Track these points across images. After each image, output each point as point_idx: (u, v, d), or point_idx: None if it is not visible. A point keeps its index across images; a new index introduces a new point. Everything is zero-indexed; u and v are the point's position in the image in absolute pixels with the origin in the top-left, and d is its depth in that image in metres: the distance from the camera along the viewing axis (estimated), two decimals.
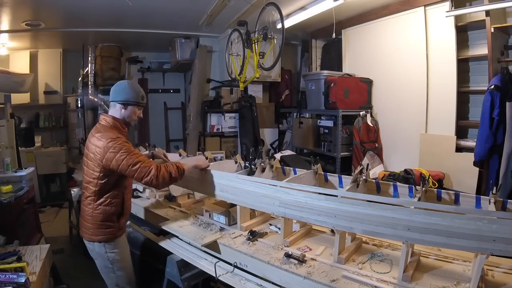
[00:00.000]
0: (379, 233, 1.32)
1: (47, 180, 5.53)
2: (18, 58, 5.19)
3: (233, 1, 3.48)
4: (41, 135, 5.56)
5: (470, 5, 3.17)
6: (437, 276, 1.33)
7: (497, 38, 2.90)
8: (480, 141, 2.72)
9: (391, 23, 3.75)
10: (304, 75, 4.76)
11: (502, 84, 2.59)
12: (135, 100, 1.81)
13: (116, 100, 1.80)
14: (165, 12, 4.02)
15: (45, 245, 1.81)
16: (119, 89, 1.81)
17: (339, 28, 4.19)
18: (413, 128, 3.54)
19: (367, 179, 1.79)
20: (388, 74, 3.87)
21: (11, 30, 4.28)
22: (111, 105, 1.83)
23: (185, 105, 6.26)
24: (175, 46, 5.29)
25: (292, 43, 5.73)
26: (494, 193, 1.38)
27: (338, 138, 3.88)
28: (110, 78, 5.46)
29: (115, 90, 1.82)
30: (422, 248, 1.52)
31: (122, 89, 1.80)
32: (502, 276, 1.31)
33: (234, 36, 4.33)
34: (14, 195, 2.39)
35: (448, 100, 3.21)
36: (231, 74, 4.58)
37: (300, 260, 1.46)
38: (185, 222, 2.05)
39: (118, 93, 1.80)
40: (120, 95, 1.80)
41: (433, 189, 1.60)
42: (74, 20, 4.21)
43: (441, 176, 3.08)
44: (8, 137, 3.45)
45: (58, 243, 3.60)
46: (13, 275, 1.33)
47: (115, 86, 1.83)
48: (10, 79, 3.85)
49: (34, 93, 5.29)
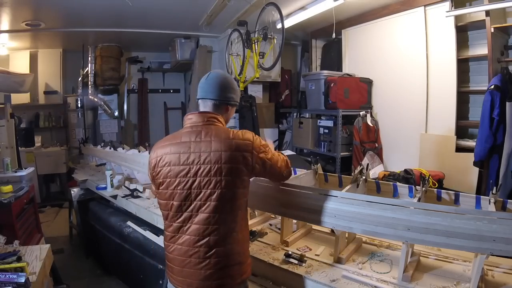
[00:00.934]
0: (379, 233, 1.32)
1: (47, 180, 5.53)
2: (18, 58, 5.19)
3: (233, 1, 3.48)
4: (41, 135, 5.56)
5: (470, 5, 3.17)
6: (437, 276, 1.33)
7: (497, 38, 2.89)
8: (480, 141, 2.72)
9: (391, 23, 3.75)
10: (304, 75, 4.76)
11: (502, 84, 2.59)
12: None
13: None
14: (165, 12, 4.02)
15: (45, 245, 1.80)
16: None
17: (339, 28, 4.19)
18: (413, 128, 3.54)
19: (367, 179, 1.79)
20: (388, 74, 3.87)
21: (11, 30, 4.28)
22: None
23: (185, 105, 6.26)
24: (175, 46, 5.29)
25: (292, 43, 5.74)
26: (494, 193, 1.38)
27: (338, 138, 3.88)
28: (110, 78, 5.48)
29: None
30: (422, 248, 1.52)
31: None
32: (502, 276, 1.31)
33: (234, 36, 4.33)
34: (14, 195, 2.38)
35: (448, 100, 3.20)
36: (231, 74, 4.58)
37: (300, 260, 1.46)
38: None
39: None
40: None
41: (433, 189, 1.60)
42: (74, 20, 4.21)
43: (441, 176, 3.08)
44: (8, 137, 3.45)
45: (58, 243, 3.60)
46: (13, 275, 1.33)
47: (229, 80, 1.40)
48: (10, 79, 3.84)
49: (34, 93, 5.29)
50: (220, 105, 1.36)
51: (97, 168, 3.82)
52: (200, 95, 1.38)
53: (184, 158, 1.24)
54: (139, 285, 2.41)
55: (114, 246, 2.67)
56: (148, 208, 2.37)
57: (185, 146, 1.26)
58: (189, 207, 1.24)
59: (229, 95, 1.37)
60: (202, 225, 1.22)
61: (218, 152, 1.22)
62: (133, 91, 6.21)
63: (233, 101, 1.40)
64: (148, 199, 2.57)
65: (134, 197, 2.63)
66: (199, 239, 1.22)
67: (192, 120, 1.33)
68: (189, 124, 1.33)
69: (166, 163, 1.27)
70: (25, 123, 5.37)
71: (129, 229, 2.50)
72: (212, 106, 1.35)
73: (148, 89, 6.25)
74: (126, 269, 2.64)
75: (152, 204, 2.43)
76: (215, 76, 1.38)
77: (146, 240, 2.28)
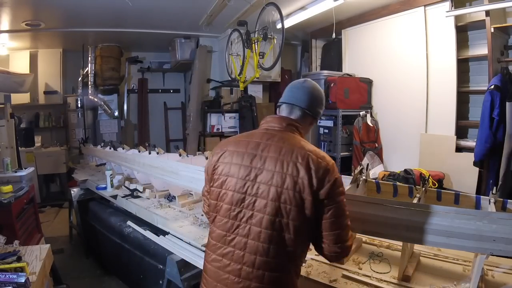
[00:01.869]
0: (379, 233, 1.32)
1: (47, 180, 5.54)
2: (18, 58, 5.19)
3: (233, 1, 3.48)
4: (41, 135, 5.56)
5: (470, 5, 3.17)
6: (437, 276, 1.33)
7: (497, 38, 2.90)
8: (480, 141, 2.72)
9: (391, 23, 3.75)
10: (304, 75, 4.76)
11: (502, 84, 2.59)
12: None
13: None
14: (165, 12, 4.02)
15: (45, 245, 1.80)
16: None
17: (339, 28, 4.19)
18: (413, 128, 3.54)
19: (367, 179, 1.79)
20: (388, 74, 3.87)
21: (11, 30, 4.28)
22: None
23: (185, 105, 6.26)
24: (175, 46, 5.29)
25: (292, 43, 5.74)
26: (494, 193, 1.38)
27: (338, 138, 3.88)
28: (110, 78, 5.48)
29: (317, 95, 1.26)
30: (422, 248, 1.52)
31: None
32: (502, 276, 1.31)
33: (234, 36, 4.33)
34: (14, 195, 2.38)
35: (448, 100, 3.21)
36: (231, 74, 4.58)
37: None
38: (185, 222, 2.05)
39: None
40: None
41: (433, 189, 1.60)
42: (74, 20, 4.21)
43: (441, 176, 3.08)
44: (8, 137, 3.44)
45: (58, 243, 3.61)
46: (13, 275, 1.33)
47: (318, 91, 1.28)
48: (10, 79, 3.85)
49: (34, 93, 5.29)
50: (307, 117, 1.23)
51: (97, 168, 3.83)
52: (288, 99, 1.24)
53: (249, 158, 1.11)
54: (139, 285, 2.41)
55: (114, 246, 2.66)
56: (148, 208, 2.38)
57: (253, 145, 1.13)
58: (238, 214, 1.09)
59: (319, 109, 1.26)
60: (251, 239, 1.05)
61: (285, 161, 1.07)
62: (133, 91, 6.21)
63: (319, 116, 1.28)
64: (148, 199, 2.57)
65: (134, 197, 2.63)
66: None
67: (270, 123, 1.20)
68: (265, 126, 1.20)
69: (229, 160, 1.15)
70: (25, 123, 5.37)
71: (129, 229, 2.49)
72: (299, 114, 1.21)
73: (148, 89, 6.24)
74: (126, 269, 2.64)
75: (152, 204, 2.44)
76: (311, 85, 1.26)
77: (146, 240, 2.28)
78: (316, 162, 1.05)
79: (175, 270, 1.78)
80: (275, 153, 1.08)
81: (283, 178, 1.04)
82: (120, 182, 2.99)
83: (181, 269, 1.79)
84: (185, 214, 2.20)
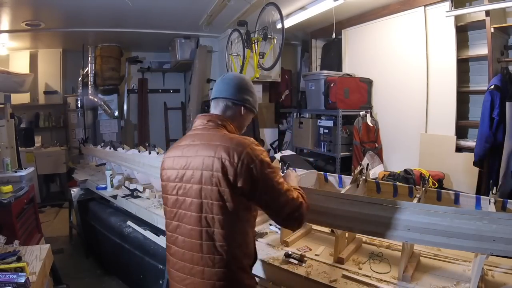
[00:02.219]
0: (379, 233, 1.32)
1: (47, 180, 5.54)
2: (18, 58, 5.19)
3: (233, 1, 3.48)
4: (41, 135, 5.56)
5: (470, 5, 3.17)
6: (437, 276, 1.33)
7: (497, 38, 2.90)
8: (480, 141, 2.72)
9: (391, 23, 3.75)
10: (304, 75, 4.76)
11: (502, 84, 2.60)
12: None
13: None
14: (165, 12, 4.02)
15: (45, 245, 1.80)
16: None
17: (339, 28, 4.19)
18: (413, 128, 3.54)
19: (367, 179, 1.79)
20: (388, 74, 3.87)
21: (11, 30, 4.28)
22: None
23: (185, 105, 6.26)
24: (175, 46, 5.29)
25: (292, 43, 5.74)
26: (494, 193, 1.38)
27: (338, 138, 3.88)
28: (110, 78, 5.48)
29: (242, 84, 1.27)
30: (422, 248, 1.52)
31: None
32: (502, 276, 1.31)
33: (234, 36, 4.34)
34: (14, 195, 2.38)
35: (448, 100, 3.21)
36: None
37: (300, 260, 1.46)
38: None
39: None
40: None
41: (433, 189, 1.60)
42: (74, 20, 4.21)
43: (441, 176, 3.08)
44: (8, 137, 3.45)
45: (58, 243, 3.61)
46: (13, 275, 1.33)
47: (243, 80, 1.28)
48: (10, 79, 3.85)
49: (34, 93, 5.29)
50: (233, 107, 1.22)
51: (97, 168, 3.83)
52: (213, 94, 1.26)
53: (178, 162, 1.16)
54: (139, 285, 2.42)
55: (114, 246, 2.67)
56: (148, 208, 2.38)
57: (181, 149, 1.18)
58: (175, 216, 1.16)
59: (245, 96, 1.24)
60: (186, 237, 1.13)
61: (202, 157, 1.09)
62: (133, 91, 6.21)
63: (249, 104, 1.25)
64: (148, 199, 2.57)
65: (134, 197, 2.63)
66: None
67: (196, 123, 1.23)
68: (194, 127, 1.24)
69: (165, 167, 1.22)
70: (25, 123, 5.37)
71: (129, 229, 2.50)
72: (223, 107, 1.22)
73: (148, 89, 6.25)
74: (126, 269, 2.64)
75: (152, 204, 2.44)
76: (232, 76, 1.28)
77: (146, 240, 2.28)
78: (227, 149, 1.06)
79: None
80: (194, 152, 1.12)
81: (201, 173, 1.08)
82: (120, 182, 2.99)
83: None
84: None
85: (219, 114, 1.22)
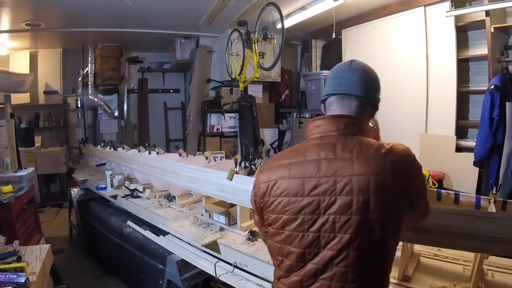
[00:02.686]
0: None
1: (47, 180, 5.53)
2: (18, 58, 5.18)
3: (233, 1, 3.48)
4: (41, 135, 5.56)
5: (470, 5, 3.17)
6: (437, 276, 1.33)
7: (497, 38, 2.90)
8: (480, 141, 2.72)
9: (391, 23, 3.75)
10: (304, 75, 4.76)
11: (502, 84, 2.60)
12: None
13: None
14: (165, 12, 4.02)
15: (45, 245, 1.80)
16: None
17: (339, 28, 4.18)
18: (413, 128, 3.54)
19: None
20: (388, 74, 3.85)
21: (11, 30, 4.28)
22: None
23: (185, 105, 6.26)
24: (175, 46, 5.29)
25: (292, 43, 5.74)
26: (494, 193, 1.38)
27: None
28: (110, 78, 5.48)
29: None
30: (422, 248, 1.52)
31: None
32: (502, 276, 1.31)
33: (234, 36, 4.34)
34: (14, 195, 2.39)
35: (448, 100, 3.20)
36: (231, 74, 4.59)
37: None
38: (185, 222, 2.05)
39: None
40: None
41: (433, 189, 1.60)
42: (74, 20, 4.21)
43: (441, 176, 3.08)
44: (8, 137, 3.44)
45: (58, 243, 3.61)
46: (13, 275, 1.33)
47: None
48: (10, 79, 3.85)
49: (34, 93, 5.29)
50: (366, 107, 0.94)
51: (97, 168, 3.82)
52: (338, 89, 0.95)
53: (311, 185, 0.86)
54: (139, 285, 2.42)
55: (114, 246, 2.67)
56: (148, 208, 2.38)
57: (313, 167, 0.87)
58: (315, 258, 0.86)
59: (377, 95, 0.97)
60: (336, 282, 0.84)
61: (364, 176, 0.82)
62: (133, 91, 6.21)
63: (378, 104, 0.98)
64: (148, 199, 2.57)
65: (134, 197, 2.63)
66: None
67: (322, 128, 0.93)
68: (318, 133, 0.93)
69: (283, 192, 0.89)
70: (25, 123, 5.37)
71: (129, 229, 2.49)
72: (357, 106, 0.93)
73: (148, 89, 6.24)
74: (126, 269, 2.64)
75: (152, 204, 2.44)
76: (362, 66, 0.97)
77: (146, 240, 2.28)
78: (401, 163, 0.85)
79: (175, 270, 1.78)
80: (346, 170, 0.84)
81: (367, 200, 0.81)
82: (120, 182, 2.99)
83: (181, 269, 1.79)
84: (185, 214, 2.20)
85: (356, 115, 0.94)
